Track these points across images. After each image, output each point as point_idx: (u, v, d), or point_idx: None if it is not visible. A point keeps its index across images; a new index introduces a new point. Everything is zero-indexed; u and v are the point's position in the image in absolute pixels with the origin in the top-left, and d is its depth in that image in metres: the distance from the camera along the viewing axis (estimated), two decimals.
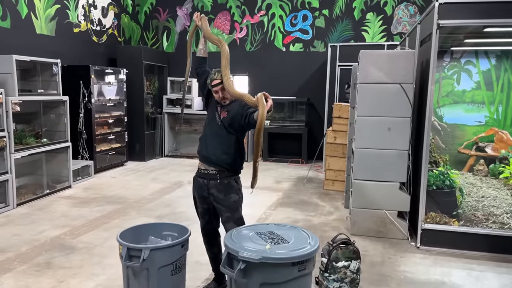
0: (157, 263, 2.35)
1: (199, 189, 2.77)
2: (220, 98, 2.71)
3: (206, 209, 2.80)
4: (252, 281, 2.01)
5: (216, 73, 2.69)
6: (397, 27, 7.71)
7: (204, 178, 2.74)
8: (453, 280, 3.23)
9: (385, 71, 4.00)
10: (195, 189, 2.83)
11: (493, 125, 5.10)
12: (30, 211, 4.78)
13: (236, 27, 8.50)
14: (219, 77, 2.66)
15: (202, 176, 2.76)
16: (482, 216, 4.09)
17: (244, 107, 2.63)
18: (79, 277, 3.17)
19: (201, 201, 2.80)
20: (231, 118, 2.70)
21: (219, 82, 2.66)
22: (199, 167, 2.80)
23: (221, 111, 2.76)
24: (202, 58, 2.96)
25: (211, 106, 2.83)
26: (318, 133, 8.05)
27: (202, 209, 2.82)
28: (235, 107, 2.71)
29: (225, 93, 2.68)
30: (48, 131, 5.70)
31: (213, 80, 2.70)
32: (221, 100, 2.72)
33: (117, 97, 7.25)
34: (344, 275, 2.92)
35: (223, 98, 2.71)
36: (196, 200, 2.85)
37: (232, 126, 2.70)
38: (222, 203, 2.70)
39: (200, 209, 2.83)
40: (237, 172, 2.79)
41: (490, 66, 5.01)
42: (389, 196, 4.09)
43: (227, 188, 2.70)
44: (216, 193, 2.70)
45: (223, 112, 2.75)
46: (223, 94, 2.69)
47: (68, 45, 6.87)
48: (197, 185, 2.79)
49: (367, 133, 4.12)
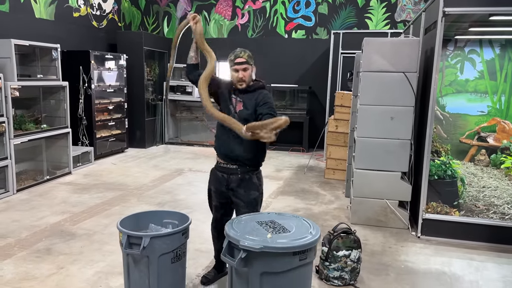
0: (157, 251, 2.34)
1: (218, 183, 2.68)
2: (238, 79, 2.55)
3: (223, 203, 2.72)
4: (253, 270, 2.00)
5: (242, 52, 2.56)
6: (401, 15, 7.60)
7: (224, 173, 2.64)
8: (453, 270, 3.23)
9: (388, 59, 3.95)
10: (212, 183, 2.73)
11: (495, 115, 5.04)
12: (30, 197, 4.77)
13: (237, 13, 8.39)
14: (246, 57, 2.54)
15: (222, 170, 2.66)
16: (483, 206, 4.08)
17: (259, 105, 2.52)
18: (79, 264, 3.17)
19: (217, 195, 2.71)
20: (247, 114, 2.54)
21: (244, 61, 2.53)
22: (218, 160, 2.69)
23: (236, 103, 2.61)
24: (194, 65, 2.78)
25: (223, 99, 2.67)
26: (319, 121, 8.01)
27: (218, 203, 2.74)
28: (251, 101, 2.56)
29: (246, 75, 2.55)
30: (47, 117, 5.66)
31: (238, 57, 2.54)
32: (237, 82, 2.57)
33: (117, 83, 7.20)
34: (344, 264, 2.92)
35: (241, 80, 2.55)
36: (211, 193, 2.76)
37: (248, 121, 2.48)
38: (242, 199, 2.63)
39: (215, 203, 2.75)
40: (259, 165, 2.69)
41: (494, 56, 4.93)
42: (390, 185, 4.07)
43: (249, 184, 2.62)
44: (236, 188, 2.62)
45: (238, 103, 2.60)
46: (243, 76, 2.54)
47: (67, 29, 6.79)
48: (216, 178, 2.70)
49: (369, 122, 4.09)
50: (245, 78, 2.56)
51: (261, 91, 2.63)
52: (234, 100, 2.63)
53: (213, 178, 2.73)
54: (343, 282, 2.93)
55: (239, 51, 2.57)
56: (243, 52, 2.56)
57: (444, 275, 3.14)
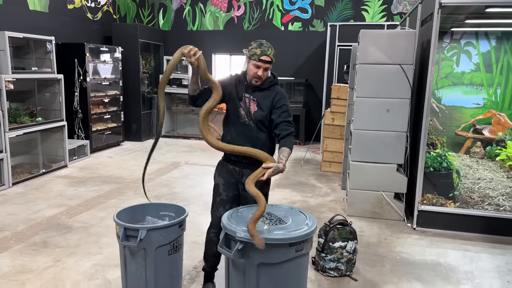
0: (154, 243, 2.35)
1: (228, 175, 2.52)
2: (256, 76, 2.35)
3: (231, 196, 2.53)
4: (250, 262, 2.01)
5: (270, 49, 2.34)
6: (397, 7, 7.58)
7: (237, 166, 2.49)
8: (448, 260, 3.26)
9: (385, 51, 3.94)
10: (221, 175, 2.54)
11: (491, 107, 5.07)
12: (26, 191, 4.76)
13: (234, 5, 8.34)
14: (272, 56, 2.34)
15: (234, 164, 2.50)
16: (478, 198, 4.11)
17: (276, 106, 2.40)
18: (75, 256, 3.17)
19: (227, 188, 2.52)
20: (262, 116, 2.40)
21: (269, 61, 2.34)
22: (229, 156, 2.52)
23: (250, 102, 2.41)
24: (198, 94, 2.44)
25: (231, 99, 2.44)
26: (316, 114, 8.01)
27: (226, 197, 2.53)
28: (266, 100, 2.41)
29: (265, 74, 2.37)
30: (43, 110, 5.63)
31: (265, 54, 2.31)
32: (253, 77, 2.37)
33: (113, 76, 7.16)
34: (340, 256, 2.94)
35: (259, 77, 2.36)
36: (219, 187, 2.55)
37: (263, 124, 2.42)
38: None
39: (223, 197, 2.54)
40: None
41: (490, 48, 4.94)
42: (386, 177, 4.09)
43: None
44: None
45: (252, 103, 2.40)
46: (262, 74, 2.36)
47: (62, 22, 6.72)
48: (226, 170, 2.53)
49: (365, 114, 4.09)
50: (263, 77, 2.39)
51: (277, 89, 2.48)
52: (248, 99, 2.42)
53: (222, 170, 2.56)
54: (339, 273, 2.95)
55: (267, 47, 2.35)
56: (270, 49, 2.35)
57: (440, 266, 3.17)
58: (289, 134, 2.40)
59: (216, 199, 2.58)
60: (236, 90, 2.45)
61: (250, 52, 2.36)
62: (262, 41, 2.38)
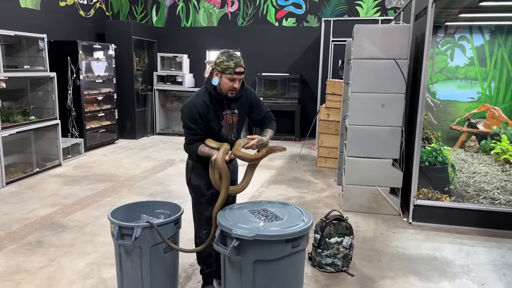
0: (149, 241, 2.33)
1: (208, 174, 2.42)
2: (232, 88, 2.31)
3: (215, 193, 2.44)
4: (246, 258, 2.00)
5: (240, 59, 2.29)
6: (391, 2, 7.57)
7: None
8: (444, 254, 3.27)
9: (379, 46, 3.93)
10: (201, 176, 2.46)
11: (485, 101, 5.08)
12: (19, 190, 4.72)
13: (227, 1, 8.29)
14: (243, 67, 2.30)
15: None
16: (473, 192, 4.12)
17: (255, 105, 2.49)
18: (70, 256, 3.15)
19: (209, 187, 2.44)
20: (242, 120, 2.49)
21: (243, 71, 2.30)
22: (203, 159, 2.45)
23: (232, 117, 2.41)
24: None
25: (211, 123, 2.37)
26: (311, 110, 8.00)
27: (211, 195, 2.47)
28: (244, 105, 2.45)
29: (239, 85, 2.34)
30: (36, 108, 5.58)
31: (239, 66, 2.26)
32: (229, 91, 2.31)
33: (106, 74, 7.10)
34: (337, 251, 2.93)
35: (234, 90, 2.32)
36: (200, 188, 2.48)
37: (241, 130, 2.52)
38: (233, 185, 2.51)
39: (208, 196, 2.48)
40: None
41: (484, 42, 4.94)
42: (381, 172, 4.09)
43: (236, 168, 2.61)
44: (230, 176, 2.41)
45: (233, 116, 2.41)
46: (238, 86, 2.32)
47: (54, 19, 6.66)
48: (206, 170, 2.42)
49: (360, 109, 4.08)
50: (239, 88, 2.35)
51: (248, 91, 2.49)
52: (229, 116, 2.41)
53: (201, 171, 2.46)
54: (336, 268, 2.95)
55: (238, 57, 2.29)
56: (240, 59, 2.30)
57: (436, 260, 3.17)
58: (272, 120, 2.63)
59: (200, 200, 2.51)
60: (215, 114, 2.38)
61: (221, 67, 2.27)
62: (229, 52, 2.31)
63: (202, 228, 2.54)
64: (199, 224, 2.56)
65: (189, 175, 2.53)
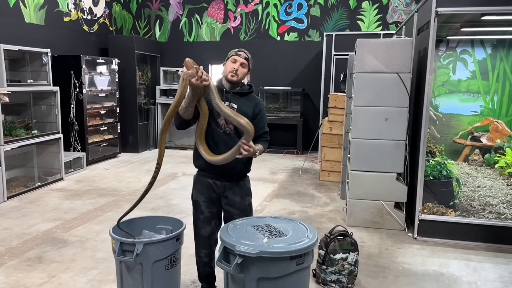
0: (151, 258, 2.29)
1: (208, 191, 2.45)
2: (232, 69, 2.37)
3: (214, 213, 2.47)
4: (249, 276, 1.96)
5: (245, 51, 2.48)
6: (392, 16, 7.63)
7: (216, 180, 2.43)
8: (451, 271, 3.20)
9: (382, 60, 3.93)
10: (201, 192, 2.46)
11: (488, 114, 5.07)
12: (21, 204, 4.69)
13: (230, 16, 8.37)
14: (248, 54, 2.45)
15: (213, 177, 2.43)
16: (479, 206, 4.07)
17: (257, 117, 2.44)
18: (71, 272, 3.10)
19: (209, 205, 2.45)
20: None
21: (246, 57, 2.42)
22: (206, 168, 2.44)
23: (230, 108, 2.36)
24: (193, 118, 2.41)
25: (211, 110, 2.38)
26: (313, 123, 8.00)
27: (209, 214, 2.46)
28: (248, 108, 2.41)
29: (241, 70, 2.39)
30: (38, 123, 5.58)
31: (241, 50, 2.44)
32: (229, 72, 2.37)
33: (109, 88, 7.13)
34: (342, 267, 2.88)
35: (235, 71, 2.37)
36: (199, 205, 2.47)
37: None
38: (237, 207, 2.45)
39: (206, 214, 2.46)
40: (249, 170, 2.55)
41: (486, 56, 4.96)
42: (386, 186, 4.05)
43: (244, 190, 2.48)
44: (231, 196, 2.44)
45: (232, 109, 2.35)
46: (238, 68, 2.38)
47: (58, 34, 6.72)
48: (205, 186, 2.45)
49: (364, 123, 4.07)
50: (239, 72, 2.39)
51: (257, 100, 2.51)
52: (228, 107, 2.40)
53: (201, 187, 2.47)
54: (341, 285, 2.90)
55: (242, 49, 2.49)
56: (246, 51, 2.48)
57: (442, 277, 3.11)
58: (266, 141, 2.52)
59: (199, 217, 2.49)
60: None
61: (227, 56, 2.47)
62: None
63: (201, 248, 2.51)
64: (198, 243, 2.54)
65: (193, 190, 2.54)
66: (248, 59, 2.45)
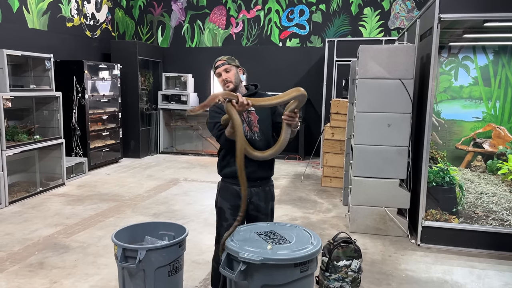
0: (153, 264, 2.28)
1: (234, 198, 2.44)
2: (223, 81, 2.41)
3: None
4: (253, 283, 1.94)
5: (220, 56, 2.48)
6: (394, 22, 7.64)
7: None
8: (455, 278, 3.18)
9: (385, 66, 3.94)
10: (226, 199, 2.47)
11: (490, 121, 5.06)
12: (22, 210, 4.68)
13: (232, 22, 8.40)
14: (224, 58, 2.44)
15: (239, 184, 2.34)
16: (482, 213, 4.05)
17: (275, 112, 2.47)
18: (73, 278, 3.09)
19: (233, 212, 2.44)
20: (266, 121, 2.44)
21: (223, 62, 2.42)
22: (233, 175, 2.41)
23: (249, 115, 2.39)
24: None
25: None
26: (315, 129, 7.99)
27: (233, 221, 2.30)
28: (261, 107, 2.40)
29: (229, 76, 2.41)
30: (40, 128, 5.59)
31: (216, 61, 2.44)
32: (224, 85, 2.41)
33: (111, 93, 7.14)
34: (345, 275, 2.86)
35: (226, 81, 2.40)
36: (225, 212, 2.47)
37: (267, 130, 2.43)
38: (262, 211, 2.47)
39: (230, 221, 2.43)
40: (273, 173, 2.57)
41: (488, 62, 4.96)
42: (389, 193, 4.03)
43: (268, 195, 2.51)
44: (257, 202, 2.45)
45: (251, 114, 2.39)
46: (227, 77, 2.40)
47: (61, 39, 6.74)
48: (231, 193, 2.46)
49: (366, 129, 4.06)
50: (230, 79, 2.40)
51: (266, 94, 2.56)
52: (245, 113, 2.39)
53: (227, 194, 2.48)
54: None
55: (219, 58, 2.49)
56: (222, 56, 2.48)
57: (446, 284, 3.09)
58: None
59: (222, 225, 2.49)
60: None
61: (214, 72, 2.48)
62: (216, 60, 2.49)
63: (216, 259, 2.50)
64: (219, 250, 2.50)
65: (217, 196, 2.54)
66: (226, 61, 2.44)
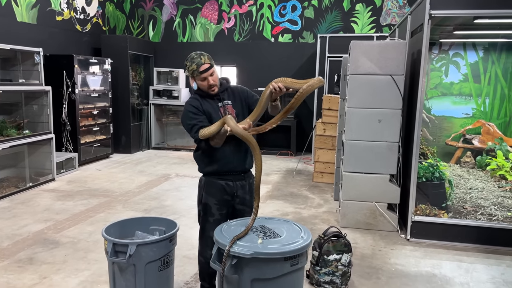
0: (144, 259, 2.27)
1: (221, 193, 2.45)
2: (209, 86, 2.36)
3: (224, 214, 2.48)
4: (244, 277, 1.95)
5: (202, 57, 2.33)
6: (386, 19, 7.67)
7: (229, 181, 2.45)
8: (443, 272, 3.22)
9: (376, 62, 3.95)
10: (212, 194, 2.46)
11: (480, 117, 5.12)
12: (11, 205, 4.63)
13: (224, 17, 8.36)
14: (208, 61, 2.33)
15: (225, 179, 2.45)
16: (470, 208, 4.10)
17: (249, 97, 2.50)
18: (63, 273, 3.07)
19: (220, 207, 2.46)
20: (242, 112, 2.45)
21: (209, 66, 2.33)
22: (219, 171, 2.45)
23: (226, 108, 2.41)
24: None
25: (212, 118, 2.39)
26: (307, 125, 8.01)
27: (219, 216, 2.46)
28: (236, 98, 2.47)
29: (215, 79, 2.37)
30: (30, 123, 5.52)
31: (201, 64, 2.30)
32: (209, 89, 2.38)
33: (102, 88, 7.08)
34: (335, 268, 2.88)
35: (212, 86, 2.37)
36: (210, 208, 2.46)
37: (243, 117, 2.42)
38: (248, 204, 2.49)
39: (216, 216, 2.46)
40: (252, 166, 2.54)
41: (478, 59, 5.01)
42: (379, 188, 4.06)
43: (251, 188, 2.52)
44: (242, 195, 2.48)
45: (229, 108, 2.42)
46: (213, 81, 2.36)
47: (50, 33, 6.66)
48: (217, 188, 2.46)
49: (357, 125, 4.08)
50: (215, 82, 2.38)
51: (235, 86, 2.56)
52: (223, 108, 2.42)
53: (212, 189, 2.47)
54: (334, 286, 2.90)
55: (197, 56, 2.33)
56: (202, 56, 2.33)
57: (435, 278, 3.13)
58: None
59: (208, 220, 2.48)
60: (211, 106, 2.42)
61: (189, 72, 2.36)
62: (191, 55, 2.37)
63: (208, 249, 2.44)
64: (205, 245, 2.50)
65: (201, 192, 2.51)
66: (211, 64, 2.37)
